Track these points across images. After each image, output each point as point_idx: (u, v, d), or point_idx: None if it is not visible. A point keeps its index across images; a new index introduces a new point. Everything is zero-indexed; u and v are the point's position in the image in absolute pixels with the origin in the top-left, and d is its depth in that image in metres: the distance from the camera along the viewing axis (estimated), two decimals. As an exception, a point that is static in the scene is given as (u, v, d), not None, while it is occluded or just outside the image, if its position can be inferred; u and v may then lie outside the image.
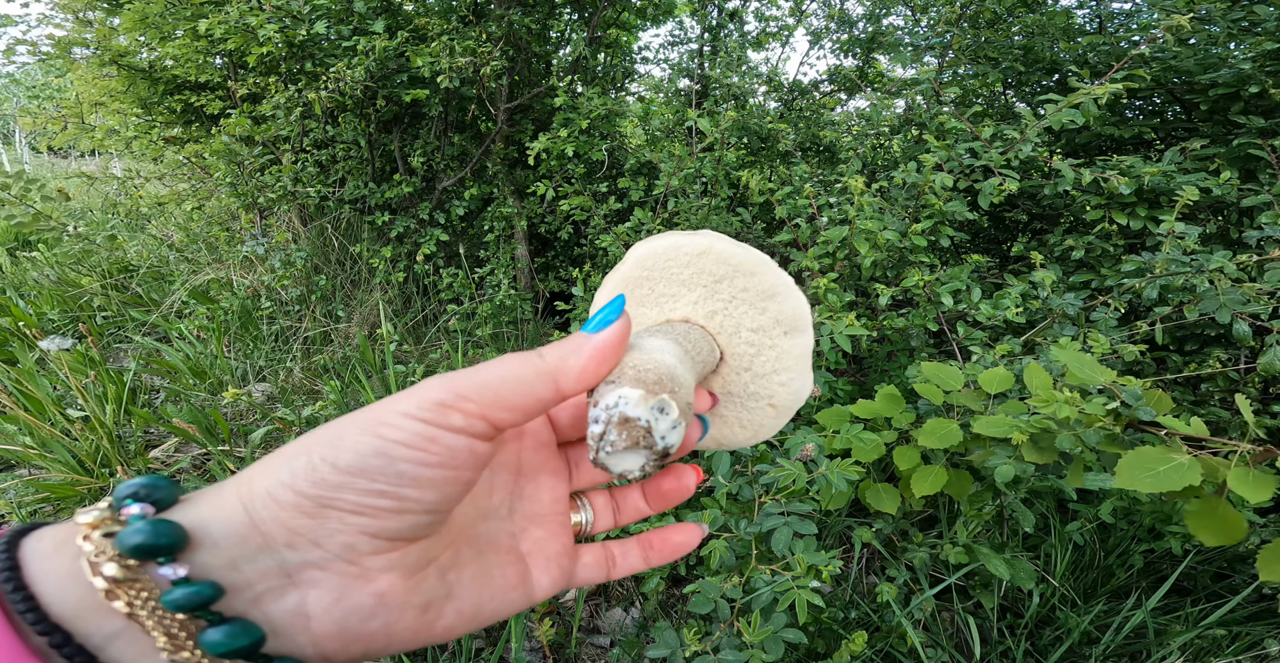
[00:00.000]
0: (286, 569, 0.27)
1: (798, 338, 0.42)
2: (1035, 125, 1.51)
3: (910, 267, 1.54)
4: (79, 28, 2.91)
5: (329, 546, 0.27)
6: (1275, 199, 1.56)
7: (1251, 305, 1.30)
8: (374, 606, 0.28)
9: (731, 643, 0.87)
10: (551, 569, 0.37)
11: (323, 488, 0.27)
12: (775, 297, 0.41)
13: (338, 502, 0.27)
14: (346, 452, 0.27)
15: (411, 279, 2.82)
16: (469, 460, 0.29)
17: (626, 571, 0.40)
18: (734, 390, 0.44)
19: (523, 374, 0.31)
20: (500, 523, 0.37)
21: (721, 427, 0.45)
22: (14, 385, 2.17)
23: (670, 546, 0.41)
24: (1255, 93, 1.70)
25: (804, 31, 3.22)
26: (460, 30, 2.30)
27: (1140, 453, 0.68)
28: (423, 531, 0.30)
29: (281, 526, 0.27)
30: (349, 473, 0.27)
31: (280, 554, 0.27)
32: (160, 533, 0.25)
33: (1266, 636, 1.29)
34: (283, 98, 2.16)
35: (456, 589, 0.32)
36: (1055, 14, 2.28)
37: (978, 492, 1.26)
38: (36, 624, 0.23)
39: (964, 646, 1.38)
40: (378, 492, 0.27)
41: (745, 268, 0.41)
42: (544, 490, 0.39)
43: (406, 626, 0.30)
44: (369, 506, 0.27)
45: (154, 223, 3.35)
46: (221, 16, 2.02)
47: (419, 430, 0.28)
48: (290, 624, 0.27)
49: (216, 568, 0.26)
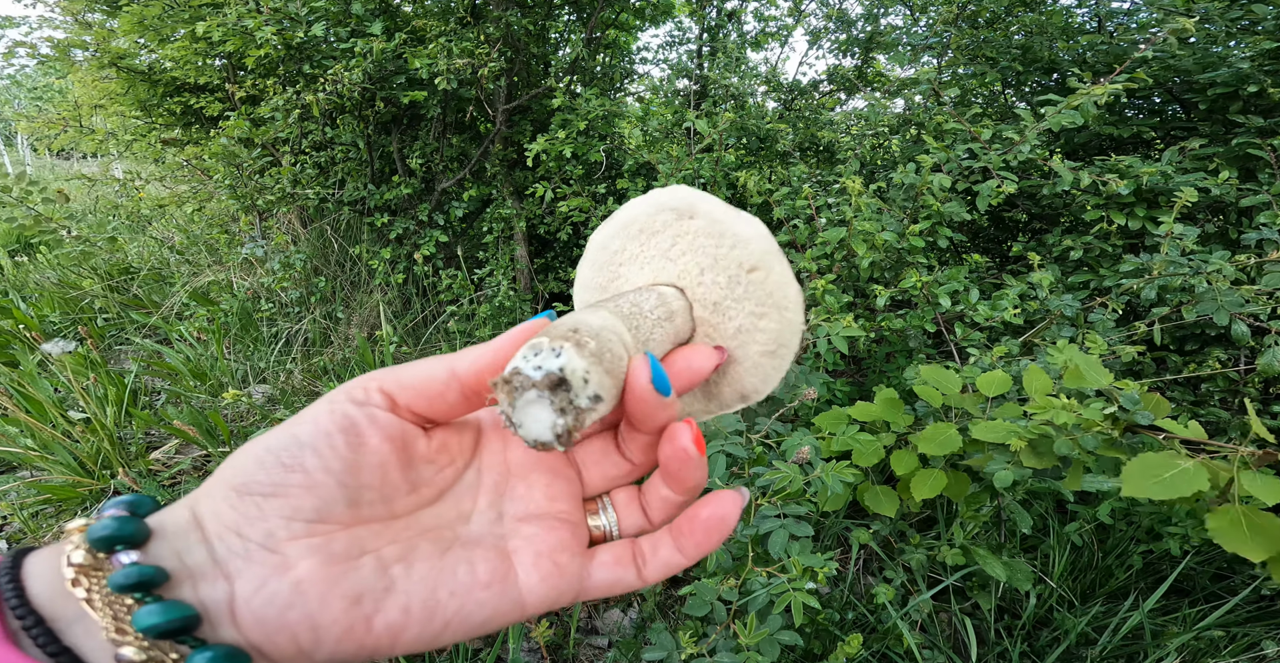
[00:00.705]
0: (217, 560, 0.28)
1: (761, 274, 0.37)
2: (1034, 127, 1.51)
3: (908, 268, 1.54)
4: (78, 30, 2.91)
5: (250, 534, 0.28)
6: (1274, 199, 1.55)
7: (1250, 306, 1.30)
8: (290, 593, 0.27)
9: (728, 645, 0.87)
10: (543, 565, 0.32)
11: (242, 475, 0.28)
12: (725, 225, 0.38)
13: (252, 486, 0.28)
14: (264, 441, 0.29)
15: (411, 280, 2.82)
16: (371, 427, 0.30)
17: (661, 569, 0.34)
18: (723, 333, 0.39)
19: (427, 361, 0.32)
20: (488, 526, 0.34)
21: (721, 380, 0.40)
22: (15, 388, 2.17)
23: (700, 524, 0.33)
24: (1254, 92, 1.70)
25: (803, 31, 3.22)
26: (458, 31, 2.30)
27: (1144, 460, 0.68)
28: (342, 511, 0.29)
29: (215, 518, 0.28)
30: (259, 455, 0.29)
31: (212, 546, 0.28)
32: (123, 526, 0.27)
33: (1264, 637, 1.28)
34: (281, 100, 2.16)
35: (400, 583, 0.30)
36: (1054, 13, 2.28)
37: (975, 493, 1.26)
38: (16, 608, 0.25)
39: (961, 647, 1.38)
40: (284, 465, 0.28)
41: (700, 207, 0.38)
42: (537, 488, 0.35)
43: (333, 618, 0.28)
44: (279, 483, 0.28)
45: (154, 225, 3.35)
46: (219, 19, 2.02)
47: (323, 406, 0.30)
48: (219, 613, 0.27)
49: (164, 557, 0.27)
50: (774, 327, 0.37)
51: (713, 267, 0.38)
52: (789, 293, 0.37)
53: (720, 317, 0.38)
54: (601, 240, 0.42)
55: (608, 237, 0.42)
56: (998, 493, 1.28)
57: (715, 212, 0.38)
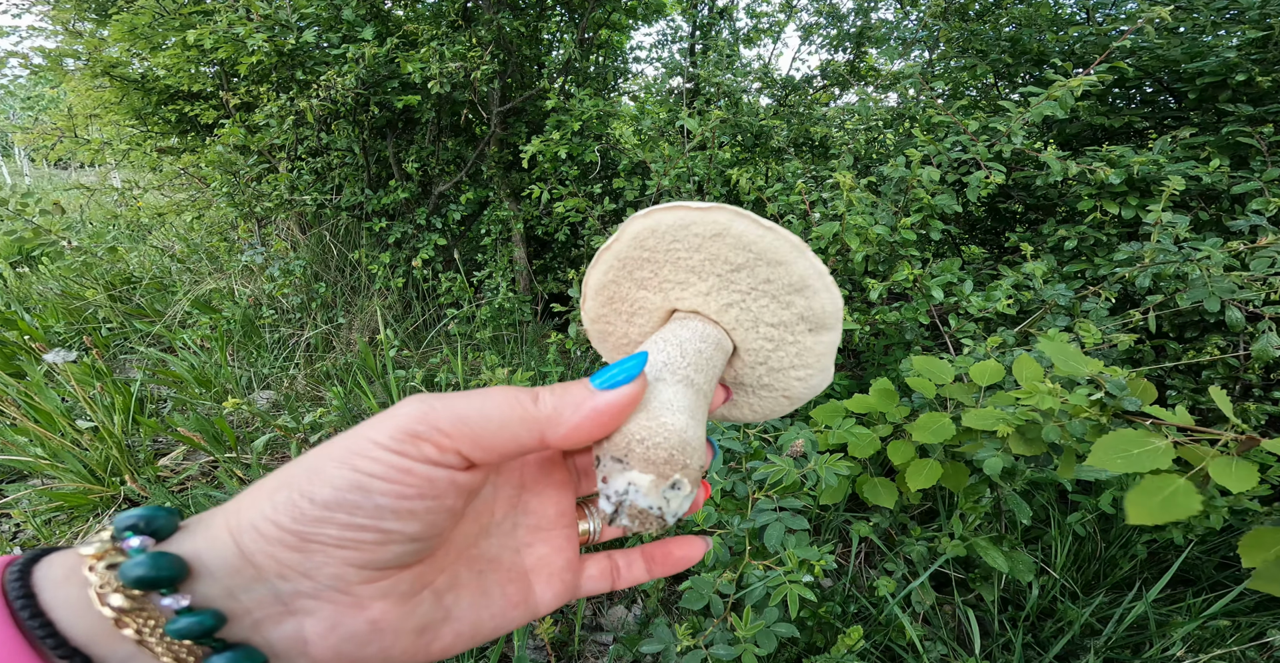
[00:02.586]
0: (281, 598, 0.28)
1: (823, 335, 0.38)
2: (1019, 118, 1.52)
3: (901, 261, 1.54)
4: (69, 39, 2.93)
5: (319, 577, 0.28)
6: (1266, 186, 1.55)
7: (1243, 292, 1.30)
8: (369, 632, 0.29)
9: (724, 638, 0.88)
10: (555, 584, 0.37)
11: (304, 524, 0.27)
12: (804, 291, 0.36)
13: (320, 537, 0.27)
14: (323, 487, 0.27)
15: (410, 284, 2.83)
16: (450, 490, 0.29)
17: (631, 581, 0.40)
18: (746, 382, 0.41)
19: (508, 416, 0.30)
20: (503, 539, 0.37)
21: (730, 409, 0.44)
22: (23, 398, 2.19)
23: (672, 559, 0.40)
24: (1242, 81, 1.70)
25: (795, 27, 3.22)
26: (450, 35, 2.31)
27: (1119, 435, 0.69)
28: (411, 558, 0.30)
29: (271, 558, 0.27)
30: (327, 507, 0.27)
31: (273, 585, 0.28)
32: (161, 566, 0.26)
33: (1271, 626, 1.28)
34: (275, 106, 2.18)
35: (454, 611, 0.33)
36: (1043, 5, 2.28)
37: (974, 485, 1.27)
38: (57, 649, 0.25)
39: (965, 639, 1.39)
40: (358, 526, 0.27)
41: (769, 256, 0.35)
42: (548, 504, 0.38)
43: (403, 649, 0.30)
44: (351, 539, 0.27)
45: (154, 234, 3.37)
46: (210, 26, 2.03)
47: (393, 463, 0.28)
48: (289, 649, 0.28)
49: (216, 598, 0.27)
50: (819, 375, 0.41)
51: (761, 296, 0.38)
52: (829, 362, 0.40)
53: (773, 348, 0.40)
54: (619, 255, 0.40)
55: (627, 250, 0.39)
56: (996, 484, 1.28)
57: (749, 235, 0.36)
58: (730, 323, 0.38)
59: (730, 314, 0.38)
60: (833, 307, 0.37)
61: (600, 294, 0.41)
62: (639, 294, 0.40)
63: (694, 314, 0.39)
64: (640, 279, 0.39)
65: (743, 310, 0.38)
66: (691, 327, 0.38)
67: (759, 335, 0.38)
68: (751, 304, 0.37)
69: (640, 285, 0.39)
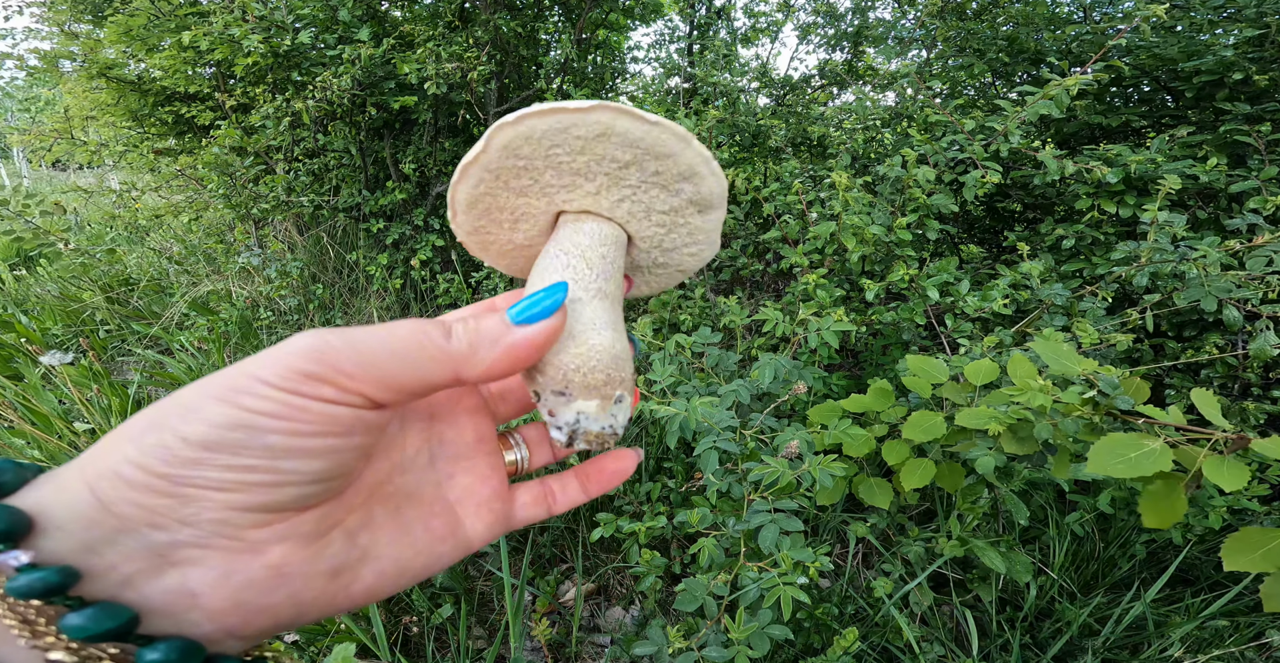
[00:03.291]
0: (157, 550, 0.25)
1: (711, 214, 0.39)
2: (1015, 118, 1.51)
3: (897, 261, 1.54)
4: (65, 41, 2.93)
5: (199, 524, 0.25)
6: (1263, 184, 1.55)
7: (1241, 291, 1.30)
8: (271, 578, 0.27)
9: (718, 640, 0.87)
10: (484, 515, 0.35)
11: (176, 466, 0.24)
12: (692, 178, 0.37)
13: (197, 479, 0.25)
14: (199, 424, 0.25)
15: (408, 285, 2.83)
16: (356, 426, 0.27)
17: (568, 504, 0.39)
18: (642, 264, 0.43)
19: (418, 354, 0.28)
20: (421, 474, 0.34)
21: (630, 292, 0.44)
22: (19, 400, 2.19)
23: (607, 474, 0.39)
24: (1239, 79, 1.70)
25: (792, 26, 3.22)
26: (446, 36, 2.30)
27: (1112, 439, 0.68)
28: (312, 499, 0.28)
29: (137, 506, 0.25)
30: (205, 448, 0.25)
31: (145, 536, 0.25)
32: None
33: (1270, 626, 1.28)
34: (271, 108, 2.17)
35: (372, 551, 0.30)
36: (1039, 4, 2.28)
37: (971, 485, 1.26)
38: None
39: (963, 639, 1.38)
40: (245, 466, 0.25)
41: (658, 150, 0.35)
42: (464, 431, 0.36)
43: (316, 593, 0.28)
44: (235, 481, 0.25)
45: (152, 235, 3.37)
46: (205, 28, 2.03)
47: (286, 400, 0.25)
48: (174, 603, 0.25)
49: (69, 553, 0.24)
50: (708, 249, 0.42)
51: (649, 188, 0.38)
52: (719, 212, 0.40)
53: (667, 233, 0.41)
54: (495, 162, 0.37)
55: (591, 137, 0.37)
56: (994, 485, 1.28)
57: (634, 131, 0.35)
58: (623, 217, 0.39)
59: (622, 208, 0.38)
60: (719, 188, 0.38)
61: (473, 208, 0.39)
62: (519, 202, 0.38)
63: (585, 214, 0.39)
64: (519, 188, 0.37)
65: (634, 203, 0.38)
66: (588, 230, 0.38)
67: (652, 223, 0.39)
68: (642, 196, 0.38)
69: (520, 193, 0.38)
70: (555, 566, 1.69)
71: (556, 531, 1.69)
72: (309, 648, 1.38)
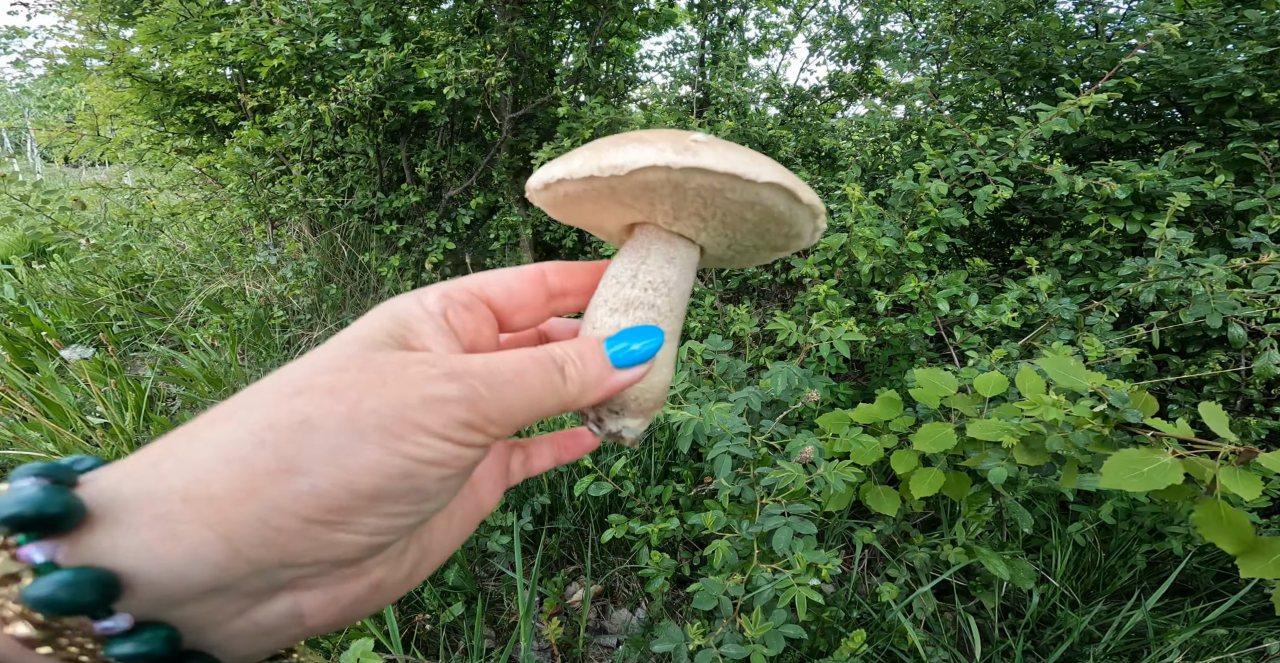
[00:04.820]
0: (277, 584, 0.25)
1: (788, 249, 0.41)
2: (1027, 134, 1.54)
3: (907, 273, 1.57)
4: (91, 39, 2.98)
5: (329, 557, 0.25)
6: (1270, 202, 1.57)
7: (1245, 309, 1.32)
8: (370, 593, 0.29)
9: (733, 638, 0.90)
10: (495, 488, 0.39)
11: (338, 514, 0.24)
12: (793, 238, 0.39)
13: (354, 527, 0.24)
14: (366, 475, 0.24)
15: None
16: (473, 467, 0.29)
17: (541, 469, 0.42)
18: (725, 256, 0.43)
19: (545, 402, 0.30)
20: None
21: None
22: (35, 392, 2.22)
23: (579, 446, 0.42)
24: (1249, 96, 1.72)
25: (804, 38, 3.26)
26: (465, 41, 2.34)
27: (1125, 455, 0.71)
28: (419, 528, 0.31)
29: (279, 551, 0.23)
30: (373, 499, 0.24)
31: (272, 575, 0.24)
32: (81, 588, 0.20)
33: (1267, 635, 1.30)
34: (293, 109, 2.21)
35: (432, 547, 0.33)
36: (1051, 18, 2.31)
37: (976, 493, 1.29)
38: None
39: (966, 645, 1.40)
40: (399, 513, 0.26)
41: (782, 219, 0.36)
42: None
43: (394, 593, 0.31)
44: (388, 527, 0.26)
45: (166, 233, 3.41)
46: (233, 29, 2.07)
47: (448, 450, 0.26)
48: (280, 625, 0.26)
49: (174, 602, 0.22)
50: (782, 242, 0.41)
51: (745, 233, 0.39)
52: None
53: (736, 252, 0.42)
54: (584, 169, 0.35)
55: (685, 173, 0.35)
56: (998, 493, 1.30)
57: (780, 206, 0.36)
58: (706, 241, 0.39)
59: (713, 240, 0.39)
60: (810, 241, 0.39)
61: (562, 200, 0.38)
62: (616, 208, 0.38)
63: (677, 237, 0.39)
64: (626, 201, 0.36)
65: (726, 238, 0.38)
66: (680, 261, 0.38)
67: (730, 249, 0.40)
68: (740, 239, 0.38)
69: (622, 205, 0.37)
70: (562, 567, 1.72)
71: (565, 533, 1.71)
72: (323, 643, 1.40)
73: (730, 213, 0.35)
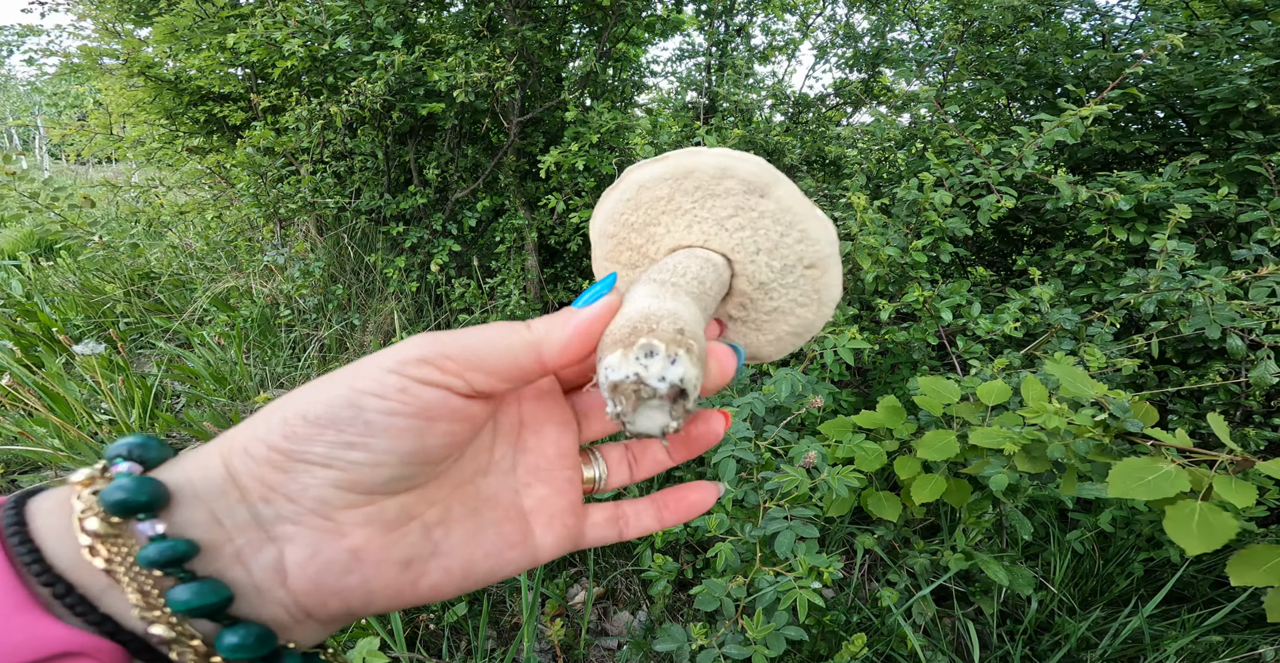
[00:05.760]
0: (262, 524, 0.27)
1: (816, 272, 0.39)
2: (1031, 144, 1.56)
3: (911, 282, 1.58)
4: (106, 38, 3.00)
5: (302, 500, 0.27)
6: (1272, 215, 1.58)
7: (1245, 321, 1.33)
8: (349, 561, 0.28)
9: (736, 639, 0.91)
10: (555, 527, 0.35)
11: (294, 441, 0.27)
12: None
13: (308, 455, 0.27)
14: (319, 404, 0.27)
15: (424, 289, 2.88)
16: (446, 413, 0.29)
17: (639, 530, 0.38)
18: (745, 306, 0.41)
19: (508, 342, 0.30)
20: (502, 478, 0.35)
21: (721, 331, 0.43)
22: (41, 388, 2.24)
23: (685, 504, 0.39)
24: (1253, 108, 1.73)
25: (810, 45, 3.28)
26: (474, 45, 2.36)
27: (1129, 464, 0.72)
28: (399, 485, 0.29)
29: (256, 479, 0.27)
30: (319, 424, 0.27)
31: (256, 508, 0.27)
32: (141, 490, 0.25)
33: (1262, 642, 1.31)
34: (304, 110, 2.23)
35: (444, 547, 0.32)
36: (1059, 28, 2.32)
37: (977, 500, 1.30)
38: (40, 575, 0.24)
39: (964, 650, 1.42)
40: (346, 443, 0.27)
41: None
42: (548, 443, 0.37)
43: (386, 582, 0.29)
44: (339, 458, 0.27)
45: (174, 231, 3.43)
46: (248, 30, 2.09)
47: (392, 382, 0.28)
48: (269, 580, 0.27)
49: (199, 524, 0.26)
50: (810, 316, 0.41)
51: (771, 252, 0.38)
52: (834, 293, 0.40)
53: (762, 295, 0.40)
54: (648, 181, 0.39)
55: (656, 180, 0.39)
56: (999, 501, 1.32)
57: (789, 200, 0.37)
58: (733, 247, 0.39)
59: (736, 237, 0.39)
60: (823, 233, 0.39)
61: (613, 220, 0.41)
62: (661, 218, 0.40)
63: (698, 249, 0.39)
64: (659, 209, 0.40)
65: (749, 236, 0.39)
66: (699, 256, 0.38)
67: (764, 263, 0.39)
68: (755, 228, 0.39)
69: (662, 212, 0.40)
70: (565, 569, 1.73)
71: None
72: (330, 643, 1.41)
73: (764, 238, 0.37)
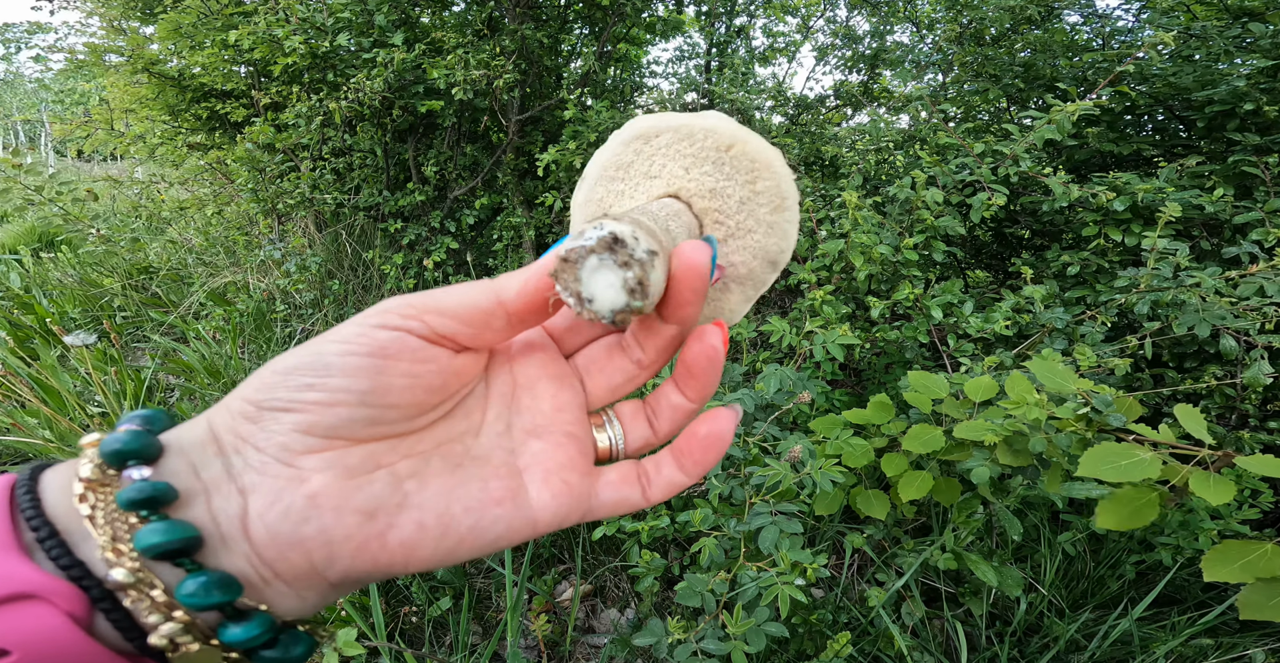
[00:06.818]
0: (232, 474, 0.27)
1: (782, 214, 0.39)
2: (1022, 142, 1.56)
3: (903, 280, 1.58)
4: (112, 35, 3.03)
5: (268, 448, 0.27)
6: (1268, 216, 1.58)
7: (1239, 322, 1.33)
8: (305, 507, 0.27)
9: (716, 634, 0.91)
10: (554, 484, 0.32)
11: (262, 391, 0.28)
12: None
13: (272, 401, 0.28)
14: (290, 357, 0.28)
15: (421, 286, 2.88)
16: (404, 352, 0.29)
17: (665, 486, 0.35)
18: None
19: (469, 286, 0.31)
20: (495, 439, 0.34)
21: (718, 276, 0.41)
22: (35, 379, 2.24)
23: (698, 441, 0.34)
24: (1250, 110, 1.73)
25: (810, 47, 3.28)
26: (475, 43, 2.37)
27: (1105, 448, 0.71)
28: (362, 429, 0.29)
29: (231, 432, 0.28)
30: (283, 372, 0.28)
31: (228, 459, 0.28)
32: (135, 440, 0.26)
33: (1252, 645, 1.30)
34: (305, 107, 2.24)
35: (414, 498, 0.30)
36: (1058, 31, 2.32)
37: (966, 500, 1.29)
38: (32, 520, 0.25)
39: (953, 651, 1.40)
40: (305, 385, 0.28)
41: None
42: (542, 399, 0.35)
43: (347, 533, 0.28)
44: (297, 399, 0.27)
45: (174, 226, 3.44)
46: (250, 27, 2.10)
47: (352, 329, 0.29)
48: (233, 530, 0.27)
49: (179, 473, 0.27)
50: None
51: (695, 162, 0.38)
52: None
53: (720, 198, 0.39)
54: (583, 198, 0.40)
55: (589, 190, 0.40)
56: (989, 501, 1.31)
57: (674, 121, 0.38)
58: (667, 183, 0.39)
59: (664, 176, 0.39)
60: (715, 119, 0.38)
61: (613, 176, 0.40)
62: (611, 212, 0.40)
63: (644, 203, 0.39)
64: (604, 209, 0.39)
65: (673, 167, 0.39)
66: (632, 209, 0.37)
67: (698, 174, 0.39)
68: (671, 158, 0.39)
69: (609, 208, 0.40)
70: (553, 566, 1.72)
71: (556, 532, 1.72)
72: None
73: None
